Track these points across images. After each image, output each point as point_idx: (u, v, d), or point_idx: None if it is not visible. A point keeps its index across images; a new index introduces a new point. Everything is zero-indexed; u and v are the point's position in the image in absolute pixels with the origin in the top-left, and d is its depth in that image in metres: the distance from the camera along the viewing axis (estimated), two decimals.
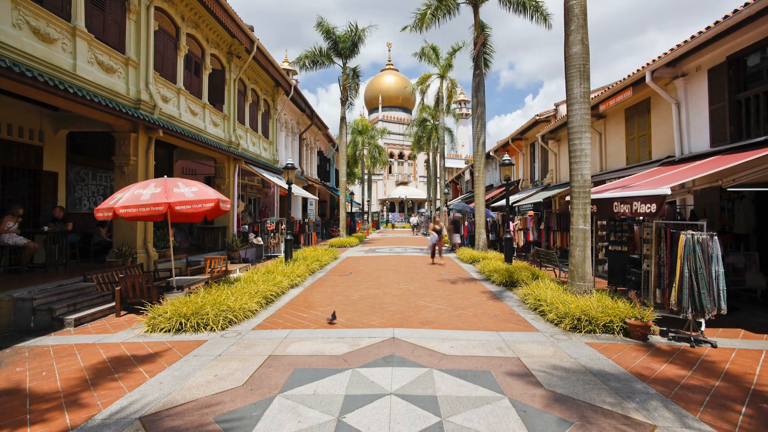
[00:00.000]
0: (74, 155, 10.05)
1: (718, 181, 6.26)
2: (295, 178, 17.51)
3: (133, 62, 8.85)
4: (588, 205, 6.64)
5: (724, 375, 4.10)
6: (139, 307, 6.32)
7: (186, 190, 6.50)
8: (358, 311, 6.77)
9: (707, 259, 4.94)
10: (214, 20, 11.64)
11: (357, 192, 46.38)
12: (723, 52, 7.87)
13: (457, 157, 56.39)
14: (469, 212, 16.87)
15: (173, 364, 4.38)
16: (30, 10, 6.43)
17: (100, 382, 3.92)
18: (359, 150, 35.38)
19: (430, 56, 22.24)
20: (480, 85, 14.33)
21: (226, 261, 9.83)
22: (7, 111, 8.16)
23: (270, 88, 17.63)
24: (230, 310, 5.92)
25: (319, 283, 9.69)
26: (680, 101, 9.10)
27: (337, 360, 4.48)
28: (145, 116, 8.42)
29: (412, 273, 11.11)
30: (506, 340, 5.17)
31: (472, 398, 3.55)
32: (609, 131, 12.68)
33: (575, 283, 6.58)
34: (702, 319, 5.15)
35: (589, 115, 6.71)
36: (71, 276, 7.39)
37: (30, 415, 3.30)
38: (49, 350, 4.90)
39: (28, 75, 5.55)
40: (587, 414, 3.28)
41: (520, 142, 20.44)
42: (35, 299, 5.88)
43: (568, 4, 6.76)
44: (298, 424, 3.13)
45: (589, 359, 4.48)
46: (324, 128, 26.78)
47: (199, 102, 11.89)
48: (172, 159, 13.67)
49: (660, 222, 5.68)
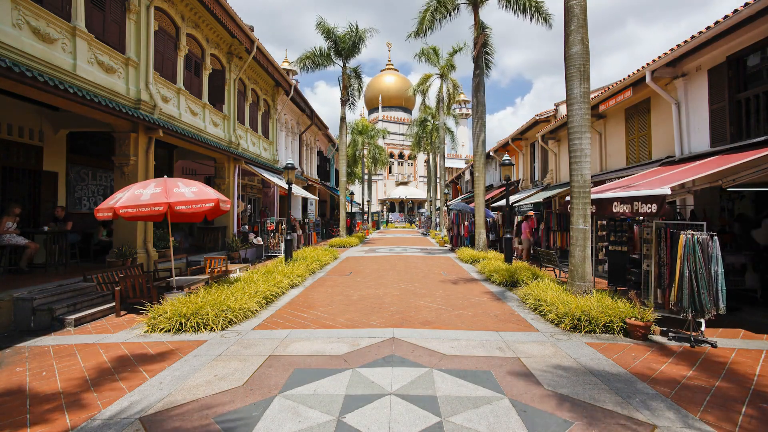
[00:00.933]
0: (74, 155, 10.05)
1: (718, 181, 6.26)
2: (295, 178, 17.52)
3: (133, 62, 8.85)
4: (588, 205, 6.64)
5: (725, 375, 4.10)
6: (139, 307, 6.32)
7: (186, 190, 6.50)
8: (358, 311, 6.77)
9: (707, 259, 4.94)
10: (214, 20, 11.65)
11: (357, 192, 46.38)
12: (723, 52, 7.87)
13: (457, 157, 56.41)
14: (469, 212, 16.86)
15: (173, 364, 4.38)
16: (30, 10, 6.43)
17: (100, 383, 3.92)
18: (359, 150, 35.40)
19: (431, 57, 22.19)
20: (480, 85, 14.33)
21: (226, 261, 9.83)
22: (7, 111, 8.16)
23: (270, 88, 17.63)
24: (230, 310, 5.92)
25: (319, 283, 9.69)
26: (680, 101, 9.10)
27: (337, 360, 4.48)
28: (145, 116, 8.42)
29: (412, 273, 11.11)
30: (506, 340, 5.17)
31: (472, 398, 3.55)
32: (609, 131, 12.68)
33: (575, 283, 6.58)
34: (702, 319, 5.15)
35: (589, 115, 6.71)
36: (71, 276, 7.39)
37: (30, 416, 3.30)
38: (49, 350, 4.90)
39: (28, 75, 5.55)
40: (587, 414, 3.28)
41: (520, 142, 20.45)
42: (35, 299, 5.88)
43: (568, 4, 6.76)
44: (298, 424, 3.13)
45: (589, 359, 4.48)
46: (324, 128, 26.79)
47: (199, 102, 11.90)
48: (172, 159, 13.67)
49: (660, 222, 5.68)
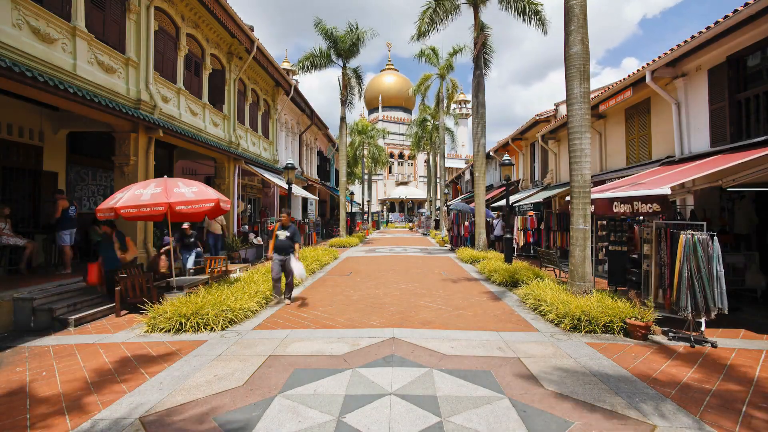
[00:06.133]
0: (74, 155, 10.04)
1: (718, 181, 6.27)
2: (295, 178, 17.50)
3: (133, 62, 8.84)
4: (588, 205, 6.63)
5: (725, 375, 4.10)
6: (140, 307, 6.32)
7: (186, 190, 6.50)
8: (358, 311, 6.77)
9: (707, 259, 4.94)
10: (214, 20, 11.65)
11: (357, 192, 46.38)
12: (723, 52, 7.87)
13: (457, 157, 56.42)
14: (469, 212, 16.85)
15: (173, 364, 4.38)
16: (30, 10, 6.43)
17: (100, 383, 3.92)
18: (359, 150, 35.39)
19: (430, 57, 22.26)
20: (480, 86, 14.32)
21: (226, 261, 9.83)
22: (7, 111, 8.15)
23: (270, 88, 17.62)
24: (230, 310, 5.92)
25: (319, 283, 9.69)
26: (680, 101, 9.10)
27: (337, 360, 4.48)
28: (145, 116, 8.42)
29: (412, 273, 11.11)
30: (506, 340, 5.17)
31: (472, 398, 3.55)
32: (609, 131, 12.68)
33: (575, 283, 6.58)
34: (702, 319, 5.15)
35: (589, 115, 6.71)
36: (71, 276, 7.39)
37: (30, 416, 3.30)
38: (49, 350, 4.90)
39: (28, 75, 5.55)
40: (588, 414, 3.28)
41: (520, 142, 20.45)
42: (35, 299, 5.88)
43: (568, 4, 6.76)
44: (298, 424, 3.13)
45: (589, 359, 4.48)
46: (324, 128, 26.79)
47: (199, 102, 11.89)
48: (172, 159, 13.65)
49: (660, 222, 5.68)
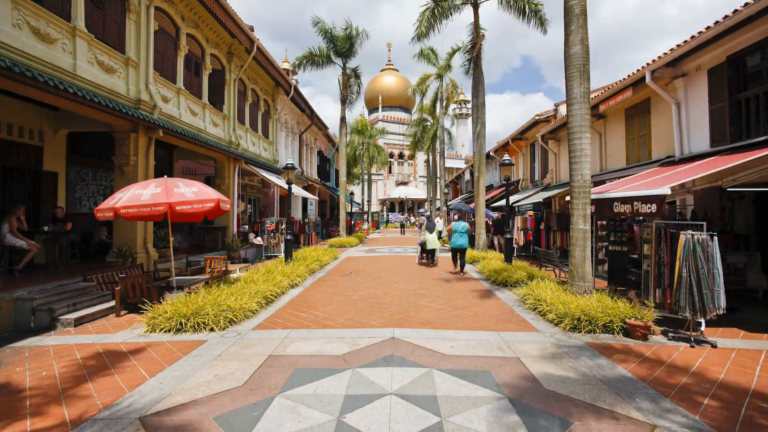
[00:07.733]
0: (74, 155, 10.05)
1: (718, 181, 6.27)
2: (295, 178, 17.50)
3: (133, 62, 8.85)
4: (588, 205, 6.63)
5: (724, 375, 4.10)
6: (140, 307, 6.32)
7: (186, 190, 6.50)
8: (358, 311, 6.77)
9: (707, 259, 4.94)
10: (214, 20, 11.65)
11: (357, 192, 46.37)
12: (723, 52, 7.87)
13: (457, 157, 56.41)
14: (469, 212, 16.86)
15: (173, 364, 4.38)
16: (30, 10, 6.43)
17: (100, 382, 3.92)
18: (359, 150, 35.38)
19: (429, 57, 22.28)
20: (479, 86, 14.33)
21: (226, 261, 9.84)
22: (7, 111, 8.15)
23: (270, 88, 17.63)
24: (230, 310, 5.92)
25: (319, 283, 9.69)
26: (680, 101, 9.10)
27: (337, 360, 4.48)
28: (145, 116, 8.42)
29: (412, 273, 11.11)
30: (506, 340, 5.17)
31: (472, 398, 3.55)
32: (609, 131, 12.68)
33: (575, 283, 6.58)
34: (702, 319, 5.15)
35: (589, 115, 6.71)
36: (71, 276, 7.38)
37: (30, 416, 3.30)
38: (49, 350, 4.90)
39: (28, 75, 5.55)
40: (587, 414, 3.28)
41: (520, 142, 20.44)
42: (35, 299, 5.88)
43: (568, 4, 6.76)
44: (298, 424, 3.13)
45: (589, 359, 4.48)
46: (324, 128, 26.80)
47: (199, 102, 11.89)
48: (172, 159, 13.67)
49: (660, 222, 5.68)
